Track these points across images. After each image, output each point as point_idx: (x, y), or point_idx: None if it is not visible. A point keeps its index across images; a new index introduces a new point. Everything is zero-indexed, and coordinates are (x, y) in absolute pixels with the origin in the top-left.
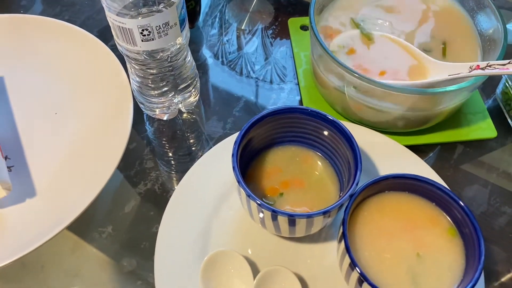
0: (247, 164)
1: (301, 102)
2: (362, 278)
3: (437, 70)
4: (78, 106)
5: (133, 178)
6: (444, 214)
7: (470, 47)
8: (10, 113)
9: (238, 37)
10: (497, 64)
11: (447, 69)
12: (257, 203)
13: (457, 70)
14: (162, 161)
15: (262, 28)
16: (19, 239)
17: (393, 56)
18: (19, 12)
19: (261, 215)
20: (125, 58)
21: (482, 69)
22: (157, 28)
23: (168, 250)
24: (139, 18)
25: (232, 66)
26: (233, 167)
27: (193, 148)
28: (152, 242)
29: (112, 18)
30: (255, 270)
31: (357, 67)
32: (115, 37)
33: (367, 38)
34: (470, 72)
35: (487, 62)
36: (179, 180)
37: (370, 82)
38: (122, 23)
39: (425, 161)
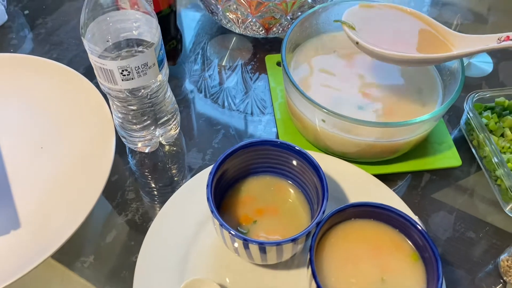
0: (224, 194)
1: (277, 133)
2: None
3: (462, 43)
4: (63, 140)
5: (115, 209)
6: (407, 240)
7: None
8: None
9: (219, 72)
10: None
11: (473, 42)
12: (229, 233)
13: (485, 43)
14: (144, 192)
15: (241, 64)
16: (3, 268)
17: (407, 29)
18: (9, 51)
19: (234, 243)
20: (107, 95)
21: None
22: (136, 68)
23: (145, 279)
24: (119, 60)
25: (214, 99)
26: (207, 198)
27: (174, 179)
28: (132, 271)
29: (94, 60)
30: None
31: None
32: (97, 77)
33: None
34: (499, 43)
35: None
36: (159, 210)
37: (336, 116)
38: (103, 64)
39: (393, 189)
